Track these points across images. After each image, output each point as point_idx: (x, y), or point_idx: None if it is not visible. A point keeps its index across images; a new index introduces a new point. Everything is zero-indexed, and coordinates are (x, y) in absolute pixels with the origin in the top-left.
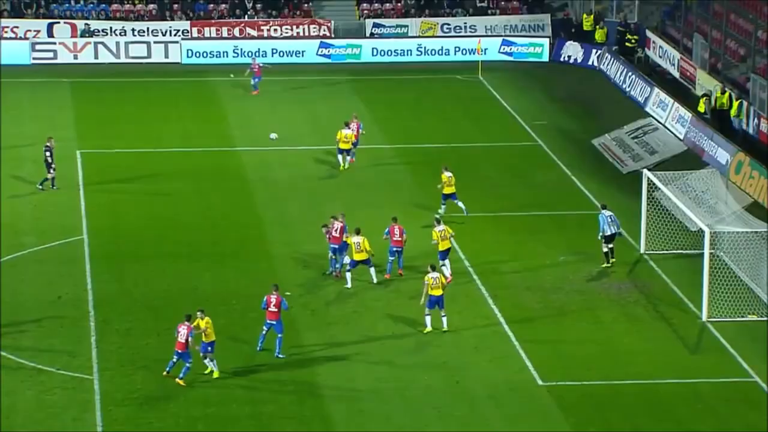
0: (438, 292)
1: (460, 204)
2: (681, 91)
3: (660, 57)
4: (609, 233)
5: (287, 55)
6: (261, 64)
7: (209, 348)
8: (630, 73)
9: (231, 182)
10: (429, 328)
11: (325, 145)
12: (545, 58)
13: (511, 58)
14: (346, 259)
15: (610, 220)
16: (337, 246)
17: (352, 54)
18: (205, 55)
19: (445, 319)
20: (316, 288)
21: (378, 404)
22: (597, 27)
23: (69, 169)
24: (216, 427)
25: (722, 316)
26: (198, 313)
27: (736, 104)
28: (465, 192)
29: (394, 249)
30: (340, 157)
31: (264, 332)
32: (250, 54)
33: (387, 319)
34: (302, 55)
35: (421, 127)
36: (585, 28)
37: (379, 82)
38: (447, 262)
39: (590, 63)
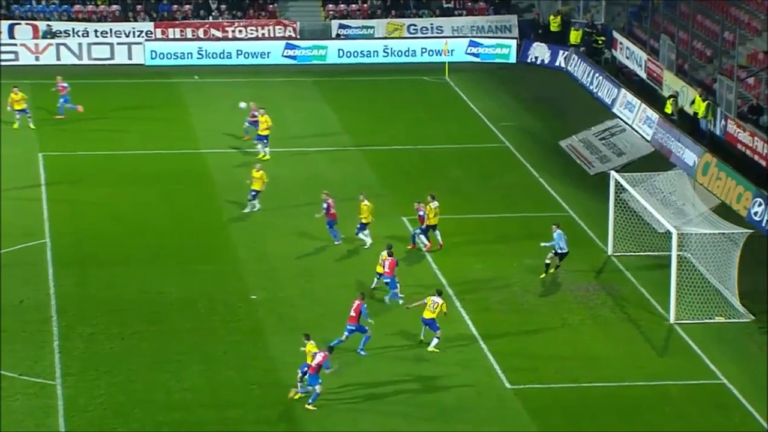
0: (429, 316)
1: (438, 237)
2: (648, 93)
3: (627, 58)
4: (565, 251)
5: (252, 57)
6: (66, 85)
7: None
8: (597, 75)
9: (196, 184)
10: (423, 337)
11: (291, 147)
12: (512, 59)
13: (478, 60)
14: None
15: (565, 238)
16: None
17: (317, 55)
18: (169, 56)
19: (435, 341)
20: (283, 291)
21: (345, 408)
22: (572, 29)
23: (31, 172)
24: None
25: (690, 318)
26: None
27: (703, 105)
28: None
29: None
30: (259, 146)
31: (345, 337)
32: (214, 55)
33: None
34: (267, 57)
35: (387, 129)
36: (552, 29)
37: (345, 84)
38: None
39: (557, 64)
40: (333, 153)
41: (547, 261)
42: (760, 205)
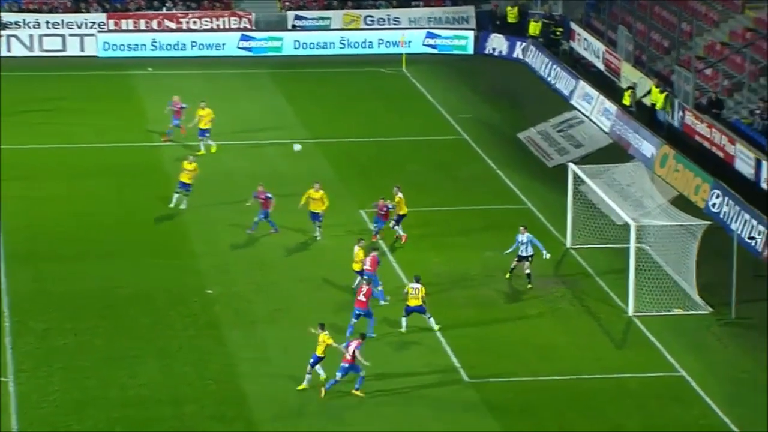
0: (415, 303)
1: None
2: (606, 84)
3: (585, 49)
4: (525, 255)
5: (207, 48)
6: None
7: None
8: (555, 66)
9: (150, 178)
10: (404, 329)
11: (246, 140)
12: (470, 50)
13: (435, 51)
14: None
15: (528, 241)
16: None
17: (273, 47)
18: (122, 48)
19: (431, 321)
20: (239, 286)
21: (304, 404)
22: (530, 20)
23: None
24: (136, 428)
25: (648, 310)
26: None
27: (661, 97)
28: (389, 187)
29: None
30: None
31: (353, 322)
32: (168, 47)
33: (312, 317)
34: (222, 48)
35: (344, 121)
36: (509, 20)
37: (302, 76)
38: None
39: (515, 56)
40: (289, 146)
41: (527, 271)
42: (717, 196)
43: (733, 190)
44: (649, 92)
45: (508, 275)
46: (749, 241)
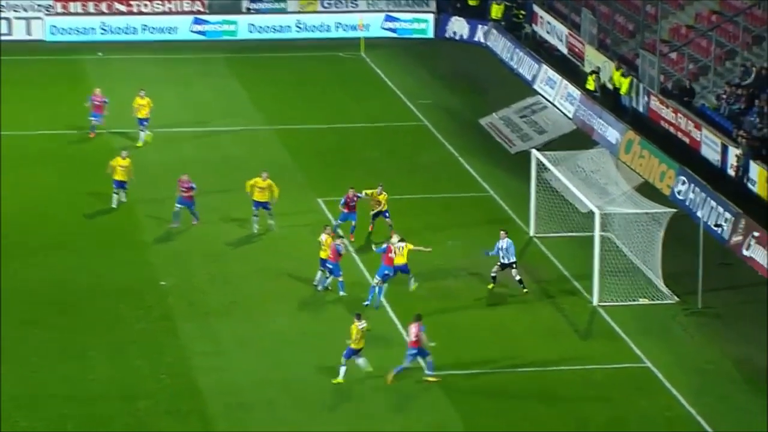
0: (401, 261)
1: (389, 221)
2: (569, 68)
3: (548, 33)
4: (508, 261)
5: (159, 32)
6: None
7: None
8: (517, 50)
9: (101, 167)
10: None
11: (200, 127)
12: (430, 34)
13: (394, 35)
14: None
15: (511, 247)
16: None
17: (227, 31)
18: (70, 32)
19: (412, 281)
20: (193, 277)
21: (260, 398)
22: (492, 3)
23: None
24: (88, 425)
25: (613, 300)
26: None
27: (626, 81)
28: (348, 175)
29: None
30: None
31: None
32: (119, 31)
33: (268, 310)
34: (175, 32)
35: (301, 107)
36: (470, 3)
37: (257, 61)
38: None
39: (476, 39)
40: (244, 133)
41: (518, 277)
42: (683, 183)
43: (699, 176)
44: (612, 76)
45: (491, 286)
46: (715, 228)
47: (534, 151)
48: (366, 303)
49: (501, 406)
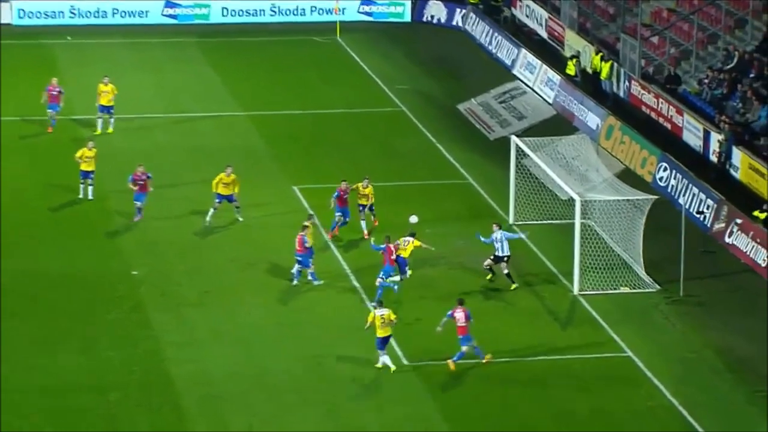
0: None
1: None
2: (549, 53)
3: (527, 16)
4: (502, 254)
5: (129, 16)
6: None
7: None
8: (496, 34)
9: (71, 154)
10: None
11: (172, 113)
12: (407, 18)
13: (371, 19)
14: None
15: (505, 239)
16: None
17: (200, 14)
18: (38, 15)
19: (398, 279)
20: (165, 267)
21: (234, 390)
22: None
23: None
24: (58, 418)
25: (594, 289)
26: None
27: (606, 66)
28: (324, 162)
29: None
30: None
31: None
32: (88, 14)
33: (242, 300)
34: (146, 16)
35: (276, 93)
36: None
37: (231, 45)
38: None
39: (454, 23)
40: (218, 119)
41: (506, 271)
42: (665, 170)
43: (680, 162)
44: (591, 60)
45: (489, 277)
46: (697, 215)
47: (513, 137)
48: (374, 303)
49: (480, 397)
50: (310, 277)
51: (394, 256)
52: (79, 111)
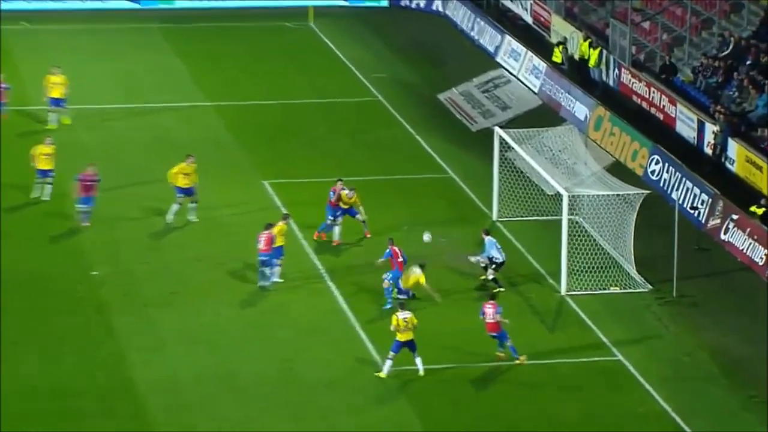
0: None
1: (359, 217)
2: (535, 39)
3: (511, 1)
4: (502, 260)
5: (90, 0)
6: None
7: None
8: (478, 19)
9: (26, 147)
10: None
11: (134, 103)
12: (384, 2)
13: (346, 3)
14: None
15: (498, 246)
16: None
17: None
18: None
19: (419, 361)
20: (128, 265)
21: (202, 395)
22: None
23: None
24: (16, 425)
25: (582, 289)
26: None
27: (595, 53)
28: (296, 155)
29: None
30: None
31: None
32: None
33: (210, 301)
34: (107, 0)
35: (245, 82)
36: None
37: (196, 31)
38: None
39: (434, 8)
40: (183, 110)
41: (491, 276)
42: (657, 162)
43: (673, 155)
44: (579, 46)
45: (497, 290)
46: (691, 211)
47: (497, 129)
48: (386, 307)
49: (461, 403)
50: (273, 278)
51: (401, 258)
52: (34, 102)
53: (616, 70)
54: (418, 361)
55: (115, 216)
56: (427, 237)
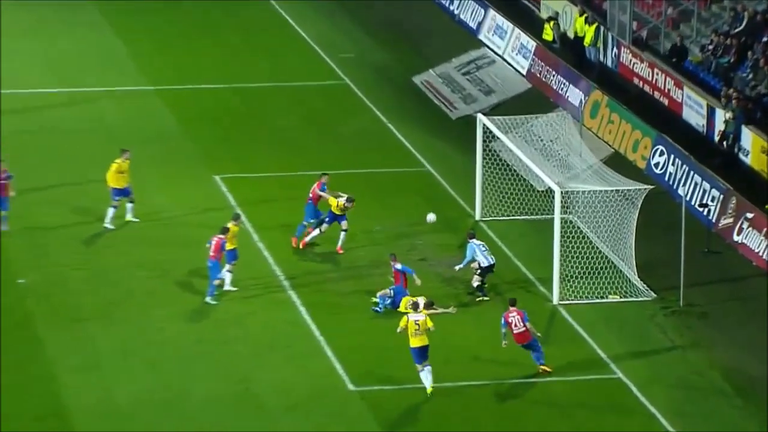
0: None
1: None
2: (523, 14)
3: None
4: (486, 264)
5: None
6: None
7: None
8: None
9: None
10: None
11: (66, 87)
12: None
13: None
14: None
15: (483, 249)
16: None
17: None
18: None
19: (427, 373)
20: (59, 274)
21: (144, 422)
22: None
23: None
24: None
25: (577, 298)
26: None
27: (591, 29)
28: (253, 146)
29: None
30: None
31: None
32: None
33: (155, 312)
34: None
35: (193, 64)
36: None
37: (138, 7)
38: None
39: None
40: (122, 95)
41: (476, 283)
42: (661, 154)
43: (680, 145)
44: (574, 22)
45: (481, 299)
46: (700, 209)
47: (480, 116)
48: (375, 309)
49: (435, 424)
50: (225, 287)
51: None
52: None
53: (615, 49)
54: (426, 373)
55: (44, 217)
56: (431, 217)
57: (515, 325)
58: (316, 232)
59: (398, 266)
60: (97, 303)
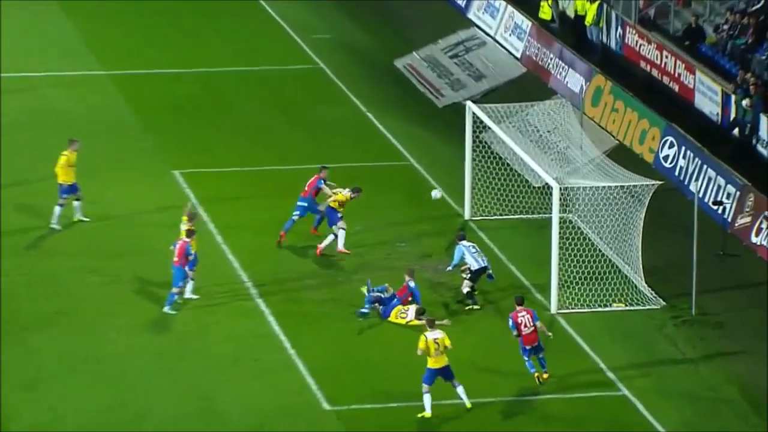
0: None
1: (340, 234)
2: None
3: None
4: (477, 267)
5: None
6: None
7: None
8: None
9: None
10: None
11: (12, 72)
12: None
13: None
14: None
15: (474, 250)
16: None
17: None
18: None
19: (461, 390)
20: (2, 278)
21: None
22: None
23: None
24: None
25: (578, 306)
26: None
27: (593, 7)
28: (217, 137)
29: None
30: None
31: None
32: None
33: (108, 322)
34: None
35: (150, 46)
36: None
37: None
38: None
39: None
40: (71, 80)
41: (467, 290)
42: (671, 145)
43: (692, 136)
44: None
45: (471, 307)
46: (714, 207)
47: (469, 104)
48: (361, 310)
49: None
50: (186, 294)
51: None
52: None
53: (620, 29)
54: (461, 390)
55: None
56: (436, 193)
57: (525, 326)
58: (331, 237)
59: (412, 284)
60: (43, 312)
